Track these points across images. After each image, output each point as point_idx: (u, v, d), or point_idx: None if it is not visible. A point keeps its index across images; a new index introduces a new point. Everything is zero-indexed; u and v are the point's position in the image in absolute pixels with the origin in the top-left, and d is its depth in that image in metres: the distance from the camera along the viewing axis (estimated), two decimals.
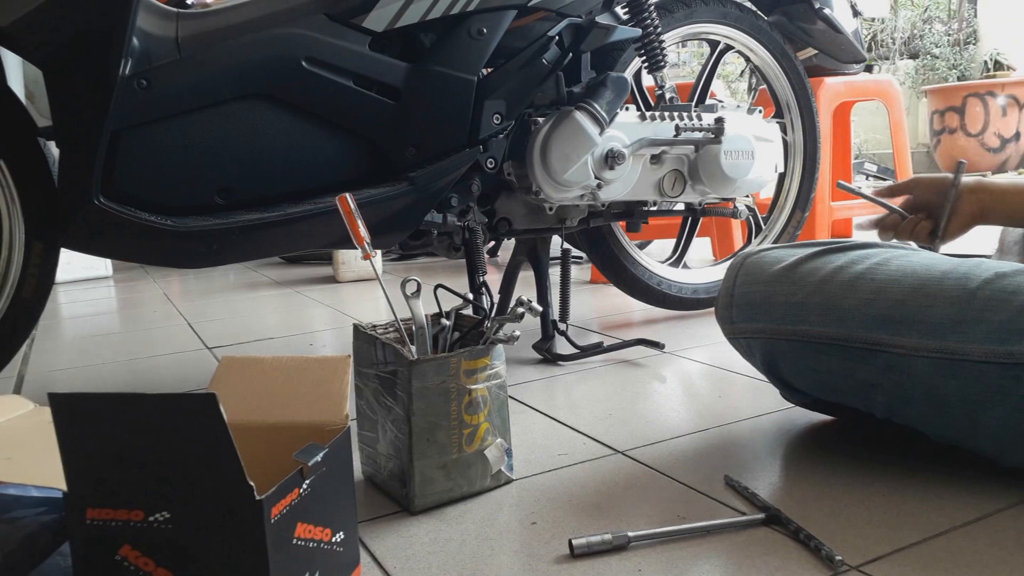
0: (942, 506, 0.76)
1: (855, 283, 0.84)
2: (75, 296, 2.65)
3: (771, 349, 0.91)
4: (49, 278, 1.14)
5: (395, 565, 0.72)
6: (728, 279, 0.96)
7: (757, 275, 0.93)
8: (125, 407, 0.54)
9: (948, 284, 0.79)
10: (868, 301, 0.82)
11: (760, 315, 0.91)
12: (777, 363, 0.92)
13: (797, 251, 0.92)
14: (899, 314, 0.80)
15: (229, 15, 1.14)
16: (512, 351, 1.45)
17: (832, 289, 0.85)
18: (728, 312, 0.95)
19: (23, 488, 0.64)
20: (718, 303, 0.97)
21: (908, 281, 0.81)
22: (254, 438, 0.65)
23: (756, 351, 0.93)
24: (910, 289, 0.80)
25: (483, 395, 0.84)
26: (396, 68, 1.17)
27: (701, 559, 0.69)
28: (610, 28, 1.31)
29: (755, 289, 0.92)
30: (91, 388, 1.43)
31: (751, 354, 0.95)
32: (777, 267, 0.91)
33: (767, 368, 0.94)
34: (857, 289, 0.83)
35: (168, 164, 1.08)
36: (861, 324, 0.82)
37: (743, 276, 0.94)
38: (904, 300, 0.80)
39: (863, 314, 0.82)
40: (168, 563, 0.55)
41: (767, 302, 0.90)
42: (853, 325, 0.83)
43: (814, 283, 0.87)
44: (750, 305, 0.92)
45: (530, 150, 1.31)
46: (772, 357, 0.92)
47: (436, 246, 1.34)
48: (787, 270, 0.90)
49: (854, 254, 0.87)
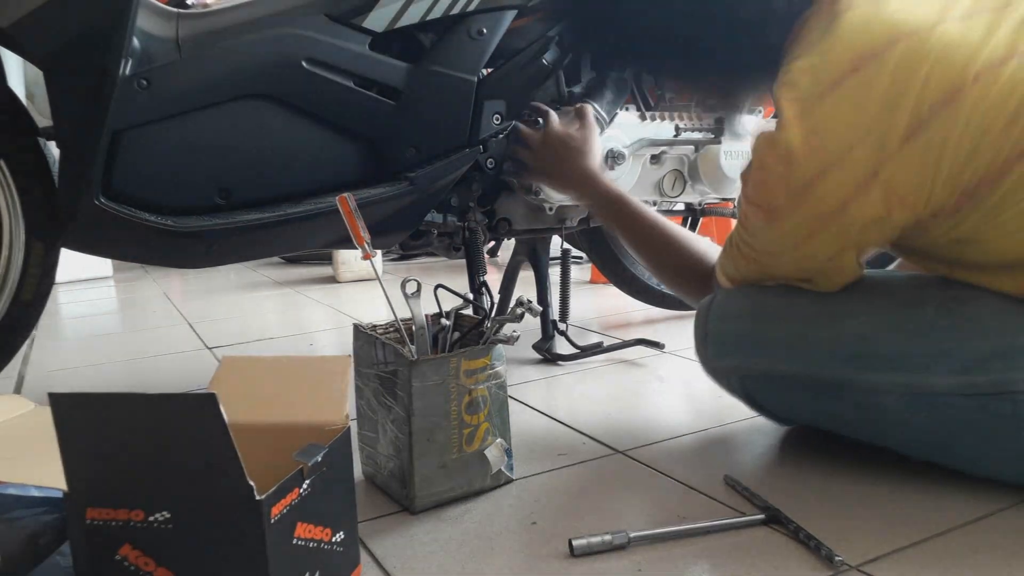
0: (942, 506, 0.76)
1: (820, 317, 0.84)
2: (75, 296, 2.65)
3: (747, 384, 0.92)
4: (49, 278, 1.14)
5: (395, 565, 0.72)
6: (700, 316, 0.95)
7: (727, 310, 0.92)
8: (125, 407, 0.54)
9: (909, 314, 0.78)
10: (832, 338, 0.82)
11: (732, 352, 0.91)
12: (755, 396, 0.93)
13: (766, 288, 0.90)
14: (864, 350, 0.80)
15: (229, 15, 1.13)
16: (512, 351, 1.45)
17: (798, 324, 0.85)
18: (704, 348, 0.95)
19: (23, 488, 0.64)
20: (695, 338, 0.96)
21: (871, 313, 0.81)
22: (254, 438, 0.65)
23: (735, 385, 0.94)
24: (873, 322, 0.80)
25: (483, 395, 0.84)
26: (396, 68, 1.17)
27: (701, 559, 0.69)
28: None
29: (726, 327, 0.92)
30: (91, 388, 1.43)
31: (730, 388, 0.95)
32: (746, 301, 0.91)
33: (749, 401, 0.95)
34: (822, 323, 0.83)
35: (168, 164, 1.08)
36: (828, 361, 0.82)
37: (715, 311, 0.93)
38: (867, 335, 0.80)
39: (829, 352, 0.82)
40: (168, 563, 0.55)
41: (737, 341, 0.90)
42: (820, 362, 0.83)
43: (780, 321, 0.87)
44: (722, 343, 0.92)
45: None
46: (751, 391, 0.92)
47: (436, 246, 1.34)
48: (756, 304, 0.90)
49: None
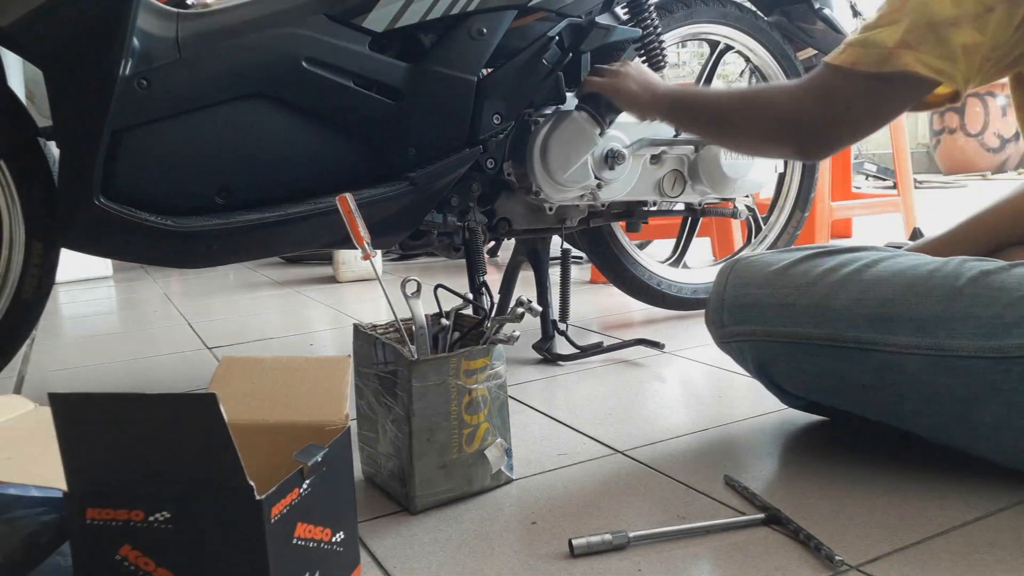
0: (942, 506, 0.76)
1: (845, 284, 0.84)
2: (75, 296, 2.65)
3: (763, 352, 0.91)
4: (49, 278, 1.14)
5: (395, 565, 0.72)
6: (719, 283, 0.96)
7: (748, 278, 0.93)
8: (125, 407, 0.54)
9: (935, 282, 0.80)
10: (858, 301, 0.83)
11: (751, 317, 0.91)
12: (769, 366, 0.92)
13: (787, 255, 0.92)
14: (889, 313, 0.81)
15: (229, 15, 1.13)
16: (512, 351, 1.45)
17: (822, 290, 0.86)
18: (719, 316, 0.95)
19: (23, 488, 0.64)
20: (708, 307, 0.97)
21: (896, 280, 0.82)
22: (254, 438, 0.65)
23: (748, 354, 0.94)
24: (899, 288, 0.81)
25: (483, 395, 0.84)
26: (396, 68, 1.17)
27: (701, 559, 0.69)
28: (610, 28, 1.31)
29: (746, 292, 0.92)
30: (91, 388, 1.43)
31: (743, 358, 0.96)
32: (768, 270, 0.91)
33: (759, 372, 0.95)
34: (847, 289, 0.84)
35: (168, 164, 1.08)
36: (852, 324, 0.83)
37: (734, 279, 0.94)
38: (893, 298, 0.81)
39: (853, 314, 0.83)
40: (168, 563, 0.55)
41: (758, 304, 0.91)
42: (843, 325, 0.83)
43: (804, 285, 0.87)
44: (741, 308, 0.93)
45: (530, 150, 1.31)
46: (764, 360, 0.92)
47: (436, 246, 1.34)
48: (778, 273, 0.90)
49: (843, 257, 0.88)
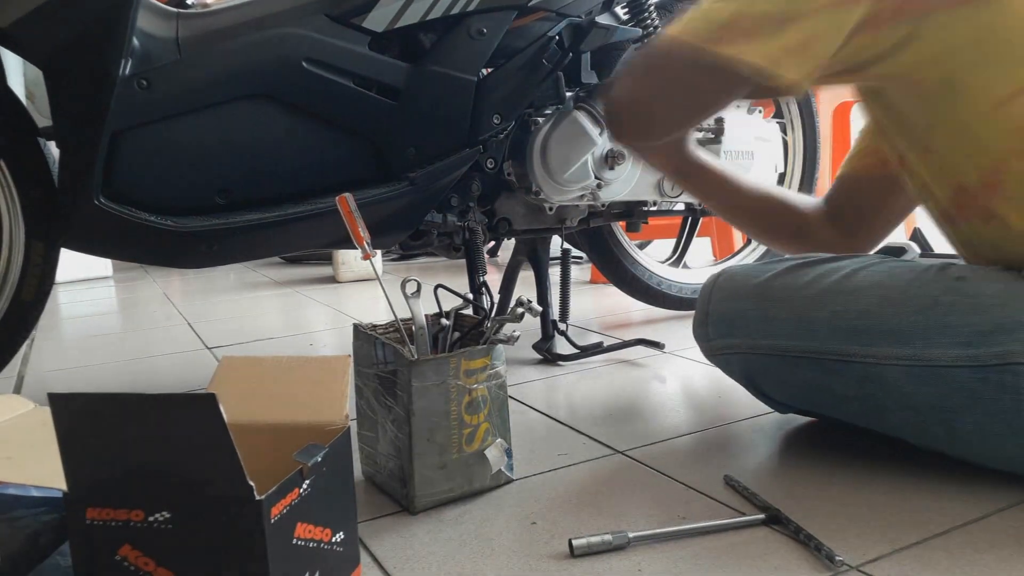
0: (942, 506, 0.76)
1: (824, 296, 0.85)
2: (75, 296, 2.65)
3: (749, 364, 0.92)
4: (49, 278, 1.14)
5: (395, 565, 0.72)
6: (703, 297, 0.97)
7: (731, 292, 0.94)
8: (125, 407, 0.54)
9: (912, 292, 0.80)
10: (836, 313, 0.83)
11: (736, 331, 0.92)
12: (756, 378, 0.93)
13: (770, 267, 0.93)
14: (867, 324, 0.81)
15: (229, 15, 1.13)
16: (512, 351, 1.45)
17: (802, 303, 0.86)
18: (704, 329, 0.96)
19: (23, 488, 0.64)
20: (694, 320, 0.98)
21: (874, 292, 0.82)
22: (254, 438, 0.65)
23: (735, 367, 0.95)
24: (876, 299, 0.81)
25: (483, 395, 0.84)
26: (396, 68, 1.17)
27: (701, 559, 0.69)
28: (610, 28, 1.31)
29: (729, 306, 0.93)
30: (91, 388, 1.43)
31: (730, 370, 0.97)
32: (751, 283, 0.92)
33: (747, 382, 0.96)
34: (826, 302, 0.84)
35: (168, 164, 1.08)
36: (831, 336, 0.83)
37: (717, 293, 0.95)
38: (870, 309, 0.81)
39: (833, 326, 0.83)
40: (168, 563, 0.55)
41: (742, 318, 0.91)
42: (824, 338, 0.84)
43: (785, 298, 0.88)
44: (725, 321, 0.93)
45: (530, 150, 1.31)
46: (751, 373, 0.93)
47: (436, 246, 1.34)
48: (760, 286, 0.91)
49: (823, 267, 0.88)
